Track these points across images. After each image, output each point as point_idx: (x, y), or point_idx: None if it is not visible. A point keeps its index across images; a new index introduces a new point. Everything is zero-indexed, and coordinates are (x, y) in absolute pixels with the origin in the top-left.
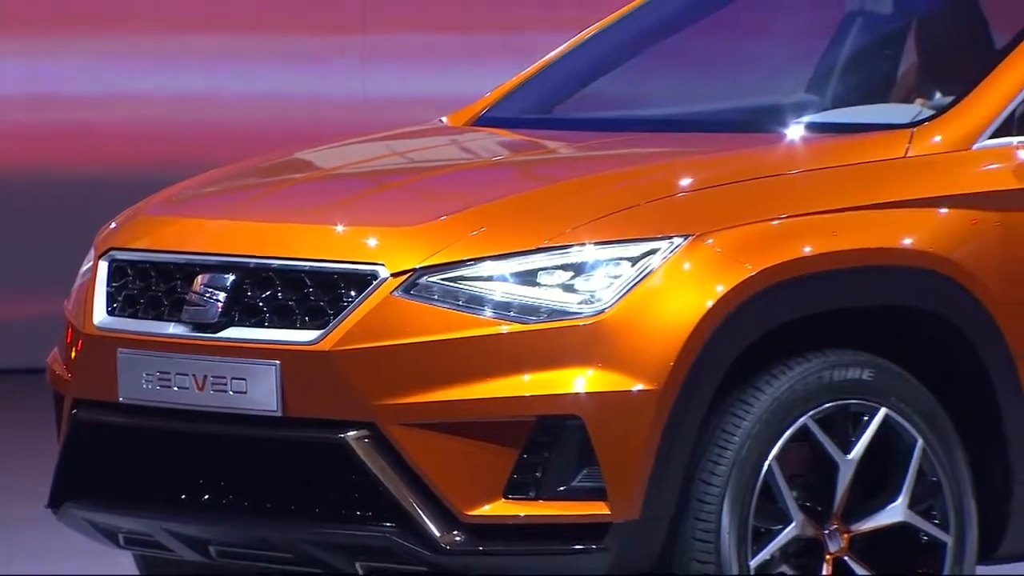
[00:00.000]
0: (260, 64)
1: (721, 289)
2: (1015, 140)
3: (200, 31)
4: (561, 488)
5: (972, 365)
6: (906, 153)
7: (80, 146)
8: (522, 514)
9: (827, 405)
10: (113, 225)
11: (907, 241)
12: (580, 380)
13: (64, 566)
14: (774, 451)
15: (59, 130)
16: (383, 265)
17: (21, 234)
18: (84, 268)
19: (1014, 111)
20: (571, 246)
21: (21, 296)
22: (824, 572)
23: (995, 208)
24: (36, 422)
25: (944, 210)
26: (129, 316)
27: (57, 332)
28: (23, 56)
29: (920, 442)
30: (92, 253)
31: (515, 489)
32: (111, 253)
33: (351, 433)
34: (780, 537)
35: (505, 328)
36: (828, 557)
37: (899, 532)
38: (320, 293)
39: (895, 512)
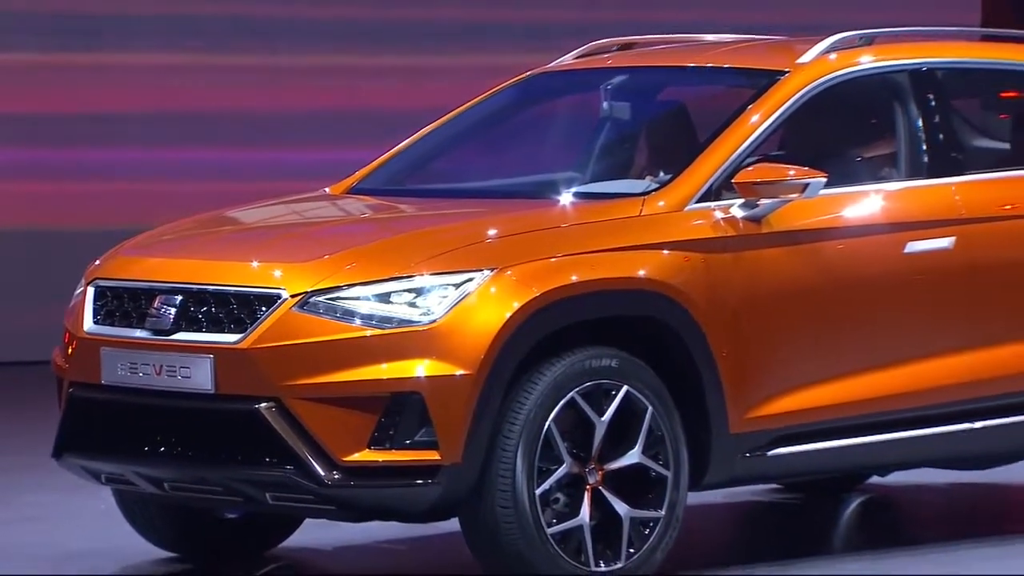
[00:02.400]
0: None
1: (516, 305)
2: (712, 204)
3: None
4: (407, 441)
5: (685, 357)
6: (640, 213)
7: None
8: (380, 459)
9: (587, 384)
10: (97, 262)
11: (641, 272)
12: (420, 368)
13: (60, 498)
14: (552, 415)
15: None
16: (284, 289)
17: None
18: (77, 291)
19: (711, 185)
20: (414, 275)
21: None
22: (585, 498)
23: (700, 250)
24: (38, 399)
25: (666, 251)
26: (108, 324)
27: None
28: None
29: (650, 409)
30: (83, 281)
31: (376, 442)
32: (96, 281)
33: (263, 404)
34: (556, 474)
35: (369, 332)
36: (588, 487)
37: (636, 470)
38: (241, 308)
39: (633, 456)
